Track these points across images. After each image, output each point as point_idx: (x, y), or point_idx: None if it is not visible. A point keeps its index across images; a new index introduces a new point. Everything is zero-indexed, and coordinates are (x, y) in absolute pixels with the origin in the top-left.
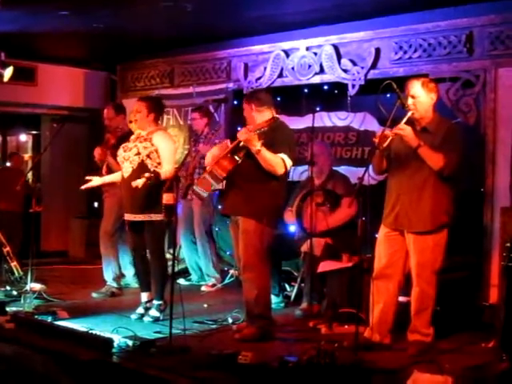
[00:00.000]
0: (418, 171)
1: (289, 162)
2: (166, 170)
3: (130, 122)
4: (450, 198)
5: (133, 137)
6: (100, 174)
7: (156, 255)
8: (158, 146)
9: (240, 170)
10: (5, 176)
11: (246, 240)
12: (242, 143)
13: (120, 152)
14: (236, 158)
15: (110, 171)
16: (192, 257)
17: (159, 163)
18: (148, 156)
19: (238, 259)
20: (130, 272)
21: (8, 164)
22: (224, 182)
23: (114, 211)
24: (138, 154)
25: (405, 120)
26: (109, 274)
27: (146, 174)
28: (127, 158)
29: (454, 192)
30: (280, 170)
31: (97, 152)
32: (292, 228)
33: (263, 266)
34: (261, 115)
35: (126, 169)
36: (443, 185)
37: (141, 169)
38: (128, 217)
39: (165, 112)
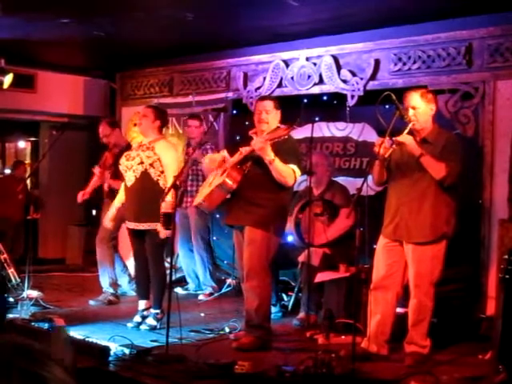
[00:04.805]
0: (418, 181)
1: (298, 173)
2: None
3: (135, 125)
4: (451, 208)
5: (135, 145)
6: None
7: (156, 263)
8: (160, 155)
9: (246, 180)
10: (7, 184)
11: (252, 249)
12: (248, 153)
13: (122, 161)
14: (244, 168)
15: (110, 188)
16: (190, 265)
17: (162, 172)
18: (151, 165)
19: (240, 268)
20: (124, 280)
21: (8, 171)
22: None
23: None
24: (142, 163)
25: (407, 130)
26: (105, 280)
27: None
28: (130, 167)
29: (456, 202)
30: (291, 181)
31: (96, 172)
32: (290, 237)
33: (266, 276)
34: (275, 120)
35: (129, 178)
36: (444, 195)
37: (144, 178)
38: (130, 225)
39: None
